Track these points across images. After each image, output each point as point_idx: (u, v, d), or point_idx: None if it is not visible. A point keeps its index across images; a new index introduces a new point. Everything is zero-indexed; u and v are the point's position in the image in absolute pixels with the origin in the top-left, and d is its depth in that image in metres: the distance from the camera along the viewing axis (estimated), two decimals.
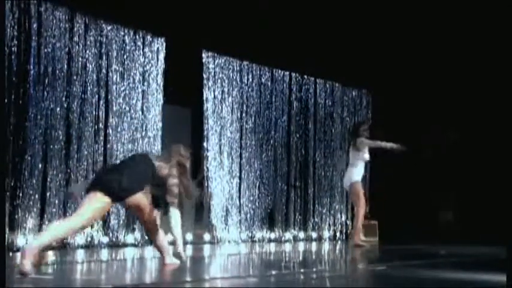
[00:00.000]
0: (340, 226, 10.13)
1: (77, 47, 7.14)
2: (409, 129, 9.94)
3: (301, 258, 6.76)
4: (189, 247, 7.65)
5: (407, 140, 9.88)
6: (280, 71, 9.56)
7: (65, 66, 7.01)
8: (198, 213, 8.54)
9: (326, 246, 8.82)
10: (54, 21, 6.94)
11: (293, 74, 9.72)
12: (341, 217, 10.14)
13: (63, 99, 6.97)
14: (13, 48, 6.54)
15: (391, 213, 9.74)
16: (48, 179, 6.76)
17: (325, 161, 10.00)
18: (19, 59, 6.60)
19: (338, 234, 10.06)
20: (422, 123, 9.86)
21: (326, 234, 9.88)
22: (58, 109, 6.90)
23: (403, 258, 6.37)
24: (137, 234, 7.51)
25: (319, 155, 9.98)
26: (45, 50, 6.85)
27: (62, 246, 6.35)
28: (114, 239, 7.30)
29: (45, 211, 6.70)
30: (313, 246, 8.66)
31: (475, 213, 9.31)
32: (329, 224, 9.97)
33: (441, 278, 4.62)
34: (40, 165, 6.68)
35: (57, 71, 6.93)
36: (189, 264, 5.84)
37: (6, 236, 6.25)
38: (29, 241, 6.42)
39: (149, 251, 6.86)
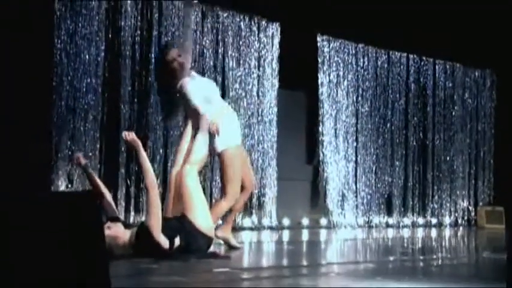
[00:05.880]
0: (462, 212, 9.74)
1: (195, 34, 7.32)
2: None
3: (420, 244, 6.58)
4: (305, 231, 7.68)
5: None
6: (397, 53, 9.30)
7: None
8: (314, 198, 8.54)
9: (447, 232, 8.53)
10: (174, 10, 7.16)
11: (411, 56, 9.43)
12: (463, 202, 9.75)
13: None
14: (136, 38, 6.84)
15: None
16: (169, 164, 7.00)
17: (445, 144, 9.65)
18: (142, 48, 6.89)
19: (460, 220, 9.69)
20: None
21: (447, 220, 9.56)
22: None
23: None
24: (254, 218, 7.63)
25: (439, 138, 9.65)
26: (165, 39, 7.08)
27: None
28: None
29: None
30: (433, 232, 8.40)
31: None
32: (450, 210, 9.63)
33: None
34: (161, 151, 6.94)
35: None
36: (306, 249, 5.86)
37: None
38: None
39: (266, 235, 6.96)
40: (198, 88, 4.86)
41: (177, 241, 4.10)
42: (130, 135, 4.06)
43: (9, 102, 5.22)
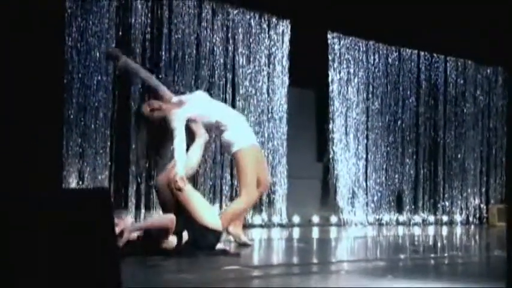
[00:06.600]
0: (473, 210, 9.70)
1: (205, 32, 7.33)
2: None
3: (431, 242, 6.56)
4: (315, 229, 7.67)
5: None
6: (408, 50, 9.26)
7: (194, 51, 7.23)
8: (324, 196, 8.53)
9: (458, 230, 8.49)
10: (184, 7, 7.17)
11: (422, 53, 9.38)
12: (474, 200, 9.70)
13: (192, 83, 7.20)
14: (147, 35, 6.85)
15: None
16: None
17: (456, 142, 9.61)
18: (152, 46, 6.91)
19: (471, 218, 9.64)
20: None
21: (458, 218, 9.52)
22: (188, 93, 7.12)
23: None
24: (264, 215, 7.63)
25: (450, 136, 9.61)
26: (176, 36, 7.10)
27: None
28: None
29: None
30: (444, 230, 8.36)
31: None
32: (461, 208, 9.59)
33: None
34: (171, 148, 6.94)
35: (187, 56, 7.17)
36: (316, 247, 5.85)
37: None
38: None
39: (276, 232, 6.95)
40: (191, 111, 4.73)
41: (185, 236, 4.12)
42: (119, 229, 3.97)
43: (20, 100, 5.25)
